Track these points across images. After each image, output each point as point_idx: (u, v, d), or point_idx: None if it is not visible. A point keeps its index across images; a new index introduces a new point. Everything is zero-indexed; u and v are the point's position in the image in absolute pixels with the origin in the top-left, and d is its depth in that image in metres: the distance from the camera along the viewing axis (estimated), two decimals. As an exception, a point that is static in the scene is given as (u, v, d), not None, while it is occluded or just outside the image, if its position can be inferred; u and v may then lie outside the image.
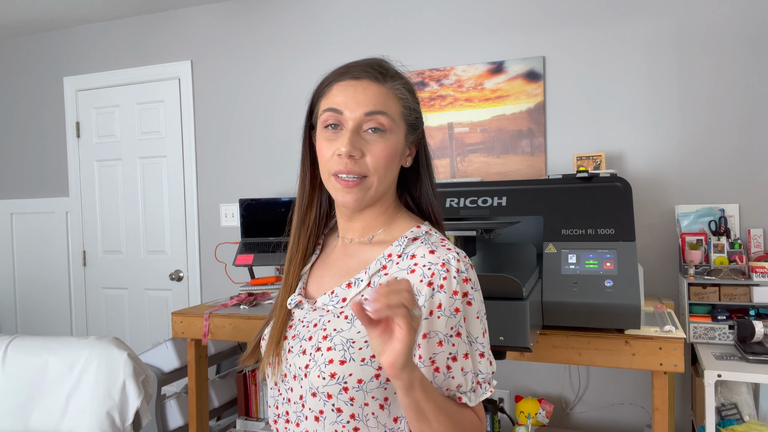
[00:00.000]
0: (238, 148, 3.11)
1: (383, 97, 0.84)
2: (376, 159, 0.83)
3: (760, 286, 1.97)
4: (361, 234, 0.91)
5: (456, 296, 0.79)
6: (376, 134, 0.83)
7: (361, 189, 0.83)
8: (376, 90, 0.84)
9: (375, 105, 0.82)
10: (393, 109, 0.84)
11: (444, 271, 0.79)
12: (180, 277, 3.23)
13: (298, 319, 0.89)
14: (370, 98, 0.83)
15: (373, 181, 0.83)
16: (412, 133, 0.89)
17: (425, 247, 0.83)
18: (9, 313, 3.69)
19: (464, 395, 0.80)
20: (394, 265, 0.84)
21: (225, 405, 2.76)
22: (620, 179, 1.78)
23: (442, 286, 0.79)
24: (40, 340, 2.03)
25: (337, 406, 0.79)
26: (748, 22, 2.25)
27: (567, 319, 1.64)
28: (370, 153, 0.83)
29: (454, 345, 0.79)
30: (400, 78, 0.88)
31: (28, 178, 3.60)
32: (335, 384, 0.78)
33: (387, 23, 2.79)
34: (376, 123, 0.82)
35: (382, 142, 0.83)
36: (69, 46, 3.46)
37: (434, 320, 0.78)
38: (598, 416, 2.46)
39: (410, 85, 0.90)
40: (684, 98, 2.33)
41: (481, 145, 2.62)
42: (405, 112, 0.87)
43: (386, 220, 0.91)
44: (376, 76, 0.84)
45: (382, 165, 0.83)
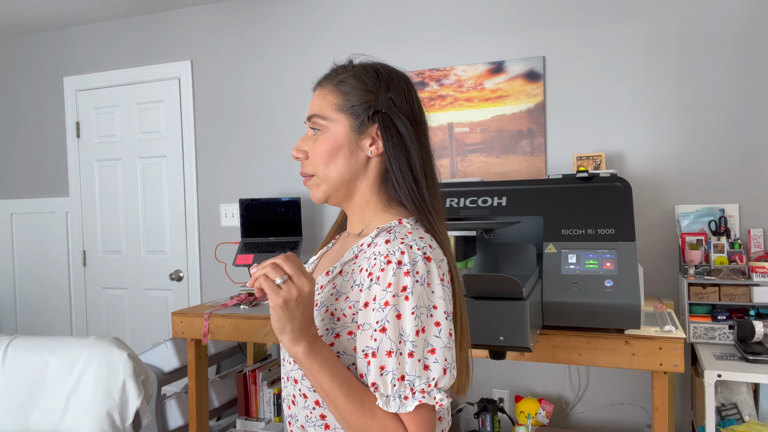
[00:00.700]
0: (238, 148, 3.11)
1: (319, 100, 0.89)
2: (315, 156, 0.89)
3: (760, 286, 1.97)
4: (353, 227, 0.94)
5: (389, 288, 0.76)
6: (316, 134, 0.89)
7: (312, 186, 0.90)
8: (316, 95, 0.90)
9: (310, 110, 0.90)
10: (326, 106, 0.88)
11: (383, 262, 0.78)
12: (180, 277, 3.23)
13: None
14: (312, 106, 0.90)
15: (318, 177, 0.89)
16: (359, 122, 0.87)
17: (385, 237, 0.82)
18: (9, 313, 3.69)
19: (382, 398, 0.74)
20: (363, 254, 0.85)
21: (225, 405, 2.76)
22: (620, 179, 1.78)
23: (378, 278, 0.78)
24: (40, 340, 2.03)
25: (302, 392, 0.84)
26: (748, 22, 2.25)
27: (567, 319, 1.64)
28: (312, 152, 0.89)
29: (376, 340, 0.75)
30: (347, 71, 0.89)
31: (28, 178, 3.60)
32: (298, 369, 0.84)
33: (387, 23, 2.79)
34: (312, 125, 0.89)
35: (318, 140, 0.88)
36: (69, 46, 3.46)
37: (369, 312, 0.77)
38: (598, 416, 2.46)
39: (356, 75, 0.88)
40: (684, 98, 2.33)
41: (481, 145, 2.62)
42: (341, 103, 0.87)
43: (374, 213, 0.91)
44: (321, 82, 0.91)
45: (320, 162, 0.88)
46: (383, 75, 0.89)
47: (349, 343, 0.81)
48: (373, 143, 0.88)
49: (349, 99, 0.87)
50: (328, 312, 0.83)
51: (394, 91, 0.88)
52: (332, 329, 0.82)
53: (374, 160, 0.89)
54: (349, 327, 0.81)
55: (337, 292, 0.84)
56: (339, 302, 0.83)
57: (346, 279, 0.84)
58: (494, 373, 2.60)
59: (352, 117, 0.87)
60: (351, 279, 0.84)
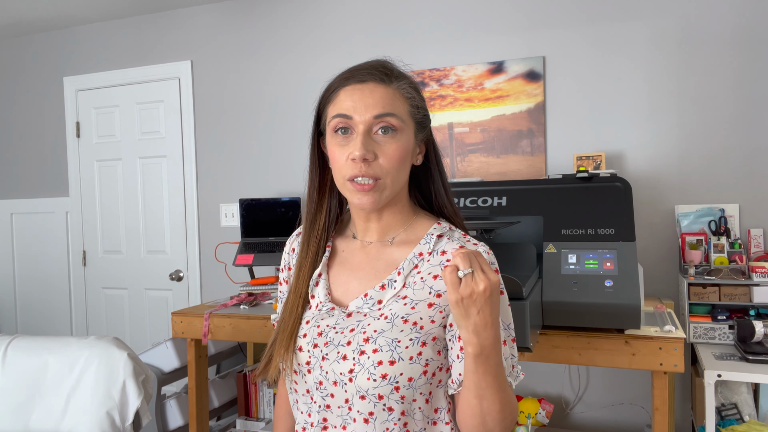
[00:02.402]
0: (238, 148, 3.10)
1: (390, 98, 0.85)
2: (389, 160, 0.84)
3: (760, 286, 1.97)
4: (380, 235, 0.92)
5: None
6: (386, 135, 0.84)
7: (376, 191, 0.84)
8: (382, 92, 0.85)
9: (383, 107, 0.83)
10: (401, 109, 0.85)
11: None
12: (180, 277, 3.23)
13: (327, 325, 0.88)
14: (378, 100, 0.84)
15: (386, 182, 0.85)
16: (420, 131, 0.90)
17: (454, 243, 0.88)
18: (9, 313, 3.69)
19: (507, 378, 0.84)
20: (426, 263, 0.87)
21: (225, 405, 2.76)
22: (620, 179, 1.78)
23: None
24: (40, 340, 2.03)
25: (388, 406, 0.82)
26: (747, 22, 2.25)
27: (567, 319, 1.64)
28: (382, 155, 0.84)
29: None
30: (404, 77, 0.89)
31: (28, 178, 3.60)
32: (387, 385, 0.80)
33: (387, 23, 2.79)
34: (387, 124, 0.84)
35: (393, 143, 0.84)
36: (69, 46, 3.46)
37: None
38: (598, 416, 2.46)
39: (415, 84, 0.91)
40: (684, 98, 2.33)
41: (481, 145, 2.62)
42: (413, 110, 0.88)
43: (403, 220, 0.93)
44: (381, 78, 0.85)
45: (395, 166, 0.84)
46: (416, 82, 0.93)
47: (434, 349, 0.84)
48: (420, 152, 0.92)
49: (417, 108, 0.89)
50: (409, 323, 0.83)
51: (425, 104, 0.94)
52: (417, 338, 0.83)
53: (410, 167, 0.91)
54: (433, 333, 0.84)
55: (411, 301, 0.85)
56: (420, 311, 0.84)
57: (418, 288, 0.86)
58: (494, 373, 2.60)
59: (418, 127, 0.90)
60: (425, 286, 0.86)
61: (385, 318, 0.84)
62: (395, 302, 0.85)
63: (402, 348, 0.81)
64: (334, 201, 0.96)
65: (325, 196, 0.95)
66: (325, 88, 0.91)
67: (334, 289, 0.93)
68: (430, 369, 0.83)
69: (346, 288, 0.91)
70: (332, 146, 0.86)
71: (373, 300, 0.87)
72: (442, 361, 0.85)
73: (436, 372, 0.84)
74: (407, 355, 0.81)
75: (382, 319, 0.84)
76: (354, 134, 0.84)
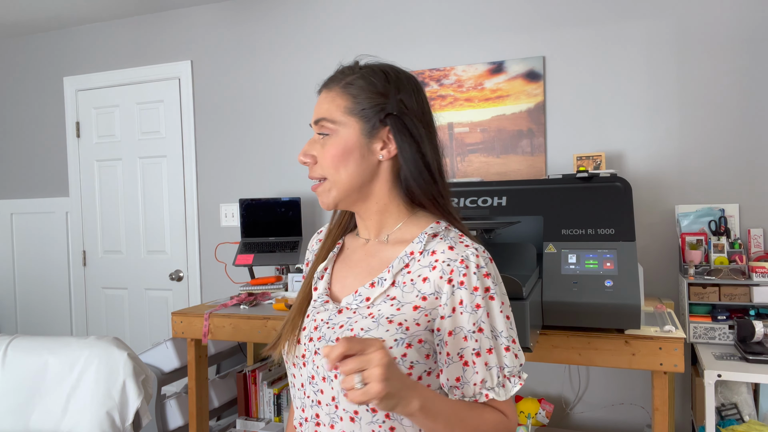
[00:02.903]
0: (238, 148, 3.11)
1: (327, 102, 0.88)
2: (323, 160, 0.87)
3: (760, 286, 1.97)
4: (376, 233, 0.93)
5: (476, 292, 0.81)
6: (323, 138, 0.88)
7: (323, 191, 0.88)
8: (323, 98, 0.89)
9: (317, 114, 0.88)
10: (334, 110, 0.87)
11: (463, 268, 0.81)
12: (180, 277, 3.23)
13: (321, 320, 0.88)
14: (318, 110, 0.88)
15: (329, 181, 0.87)
16: (367, 123, 0.86)
17: (444, 243, 0.85)
18: (9, 313, 3.69)
19: (491, 391, 0.81)
20: (416, 263, 0.86)
21: (225, 405, 2.76)
22: (620, 179, 1.78)
23: (462, 283, 0.81)
24: (40, 340, 2.03)
25: (371, 406, 0.80)
26: (747, 23, 2.25)
27: (567, 319, 1.64)
28: (320, 156, 0.87)
29: (477, 341, 0.81)
30: (350, 74, 0.88)
31: (28, 178, 3.60)
32: None
33: (387, 23, 2.79)
34: (320, 129, 0.88)
35: (327, 144, 0.87)
36: (69, 46, 3.46)
37: (457, 316, 0.81)
38: (598, 416, 2.46)
39: (365, 78, 0.87)
40: (684, 98, 2.33)
41: (481, 145, 2.62)
42: (351, 107, 0.86)
43: (397, 217, 0.91)
44: (327, 84, 0.89)
45: (330, 164, 0.86)
46: (392, 76, 0.88)
47: (420, 351, 0.82)
48: (385, 147, 0.88)
49: (359, 102, 0.86)
50: (394, 323, 0.82)
51: (404, 92, 0.88)
52: (402, 340, 0.81)
53: (386, 164, 0.88)
54: (419, 335, 0.82)
55: (398, 302, 0.84)
56: (405, 312, 0.83)
57: (406, 289, 0.84)
58: (494, 373, 2.60)
59: (363, 120, 0.86)
60: (413, 288, 0.84)
61: (372, 317, 0.83)
62: (383, 302, 0.84)
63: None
64: None
65: None
66: None
67: (334, 284, 0.94)
68: (416, 372, 0.81)
69: (344, 283, 0.92)
70: None
71: (362, 297, 0.86)
72: (431, 365, 0.83)
73: (423, 376, 0.82)
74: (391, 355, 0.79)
75: (369, 318, 0.83)
76: None
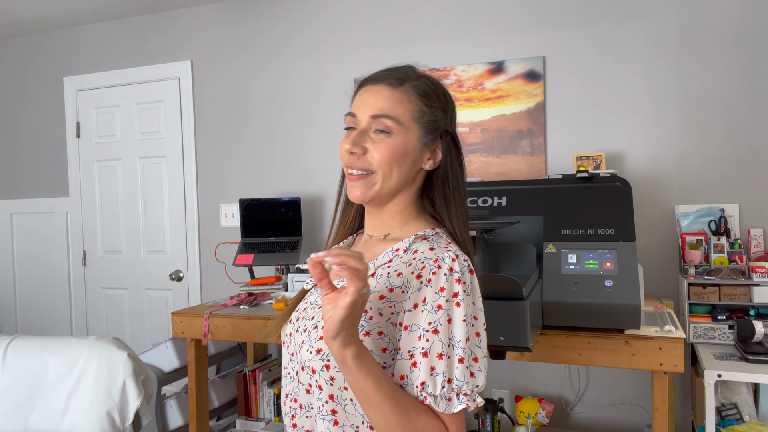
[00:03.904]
0: (238, 148, 3.10)
1: (393, 101, 0.88)
2: (380, 155, 0.87)
3: (760, 286, 1.97)
4: (379, 231, 0.95)
5: (442, 293, 0.80)
6: (381, 135, 0.87)
7: (365, 184, 0.88)
8: (388, 93, 0.88)
9: (382, 109, 0.87)
10: (401, 111, 0.87)
11: (435, 267, 0.82)
12: (180, 277, 3.23)
13: (310, 302, 0.93)
14: (380, 102, 0.87)
15: (377, 177, 0.88)
16: (427, 135, 0.90)
17: (427, 244, 0.87)
18: (9, 313, 3.69)
19: (431, 397, 0.76)
20: (398, 259, 0.87)
21: (225, 405, 2.76)
22: (620, 179, 1.78)
23: (430, 281, 0.81)
24: (40, 340, 2.03)
25: (319, 383, 0.82)
26: (748, 22, 2.25)
27: (567, 319, 1.64)
28: (374, 149, 0.87)
29: (428, 341, 0.78)
30: (418, 82, 0.90)
31: (28, 178, 3.60)
32: (319, 359, 0.81)
33: (387, 23, 2.79)
34: (381, 125, 0.87)
35: (385, 142, 0.87)
36: (69, 46, 3.46)
37: (417, 313, 0.80)
38: (598, 416, 2.46)
39: (429, 88, 0.91)
40: (684, 98, 2.33)
41: (481, 145, 2.62)
42: (417, 115, 0.89)
43: (403, 220, 0.94)
44: (392, 82, 0.89)
45: (385, 161, 0.87)
46: (447, 94, 0.95)
47: (377, 343, 0.81)
48: (431, 157, 0.92)
49: (425, 112, 0.90)
50: None
51: (452, 111, 0.96)
52: (362, 327, 0.81)
53: (422, 172, 0.93)
54: (380, 327, 0.82)
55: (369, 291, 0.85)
56: (372, 301, 0.84)
57: (381, 281, 0.86)
58: (494, 373, 2.60)
59: (425, 130, 0.90)
60: (387, 281, 0.85)
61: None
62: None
63: None
64: None
65: None
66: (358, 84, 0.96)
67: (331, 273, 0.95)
68: None
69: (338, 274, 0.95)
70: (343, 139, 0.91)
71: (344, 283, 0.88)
72: (387, 359, 0.81)
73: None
74: None
75: None
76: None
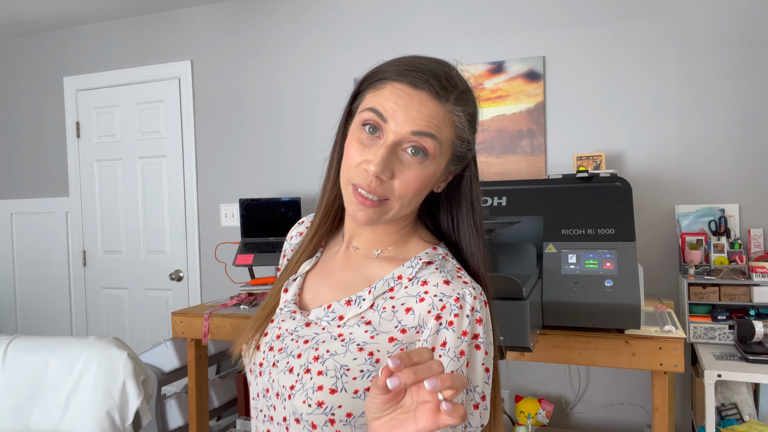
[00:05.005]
0: (238, 148, 3.10)
1: (439, 119, 0.71)
2: (405, 186, 0.71)
3: (760, 286, 1.97)
4: (368, 245, 0.81)
5: (464, 337, 0.70)
6: (415, 157, 0.71)
7: (378, 211, 0.72)
8: (433, 108, 0.71)
9: (427, 126, 0.70)
10: (444, 134, 0.72)
11: (457, 308, 0.71)
12: (180, 277, 3.23)
13: (286, 330, 0.78)
14: (424, 117, 0.70)
15: (394, 206, 0.73)
16: (455, 163, 0.77)
17: (440, 275, 0.74)
18: (9, 313, 3.69)
19: None
20: (402, 289, 0.75)
21: (225, 405, 2.76)
22: (620, 179, 1.78)
23: (452, 323, 0.70)
24: (40, 340, 2.03)
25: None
26: (747, 22, 2.25)
27: (567, 319, 1.64)
28: (400, 177, 0.71)
29: None
30: (463, 101, 0.74)
31: (28, 178, 3.60)
32: (321, 414, 0.69)
33: (387, 23, 2.79)
34: (420, 146, 0.70)
35: (417, 170, 0.71)
36: (69, 46, 3.46)
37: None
38: (598, 416, 2.46)
39: (474, 107, 0.77)
40: (684, 98, 2.33)
41: (481, 145, 2.62)
42: (456, 141, 0.75)
43: (399, 238, 0.81)
44: (437, 92, 0.71)
45: (409, 194, 0.72)
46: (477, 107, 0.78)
47: None
48: (446, 180, 0.79)
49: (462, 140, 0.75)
50: (365, 351, 0.71)
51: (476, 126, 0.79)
52: (370, 372, 0.70)
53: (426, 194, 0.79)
54: None
55: (373, 329, 0.73)
56: (379, 342, 0.72)
57: (385, 317, 0.74)
58: (494, 373, 2.60)
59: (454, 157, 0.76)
60: (393, 317, 0.73)
61: (342, 339, 0.73)
62: (357, 325, 0.74)
63: (349, 378, 0.69)
64: None
65: None
66: (375, 69, 0.77)
67: (306, 290, 0.83)
68: None
69: (316, 292, 0.81)
70: (353, 140, 0.73)
71: (335, 314, 0.76)
72: None
73: None
74: (353, 387, 0.69)
75: (339, 340, 0.73)
76: (381, 140, 0.71)
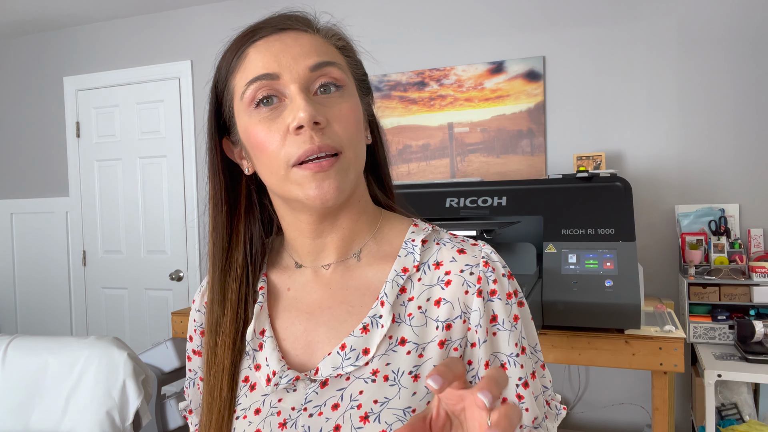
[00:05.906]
0: (238, 148, 3.10)
1: (322, 46, 0.60)
2: (345, 124, 0.58)
3: (760, 286, 1.97)
4: (341, 252, 0.64)
5: (511, 300, 0.60)
6: (332, 94, 0.58)
7: (340, 170, 0.57)
8: (309, 40, 0.60)
9: (319, 55, 0.58)
10: (338, 58, 0.61)
11: (490, 272, 0.60)
12: (180, 277, 3.23)
13: (291, 408, 0.59)
14: (308, 49, 0.58)
15: (350, 156, 0.58)
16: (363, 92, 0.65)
17: (449, 249, 0.62)
18: (9, 313, 3.69)
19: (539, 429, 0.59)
20: (416, 282, 0.61)
21: (225, 405, 2.75)
22: (620, 179, 1.78)
23: (495, 292, 0.59)
24: (40, 340, 2.03)
25: None
26: (747, 22, 2.25)
27: (567, 319, 1.64)
28: (334, 118, 0.57)
29: (522, 366, 0.58)
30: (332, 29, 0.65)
31: (28, 178, 3.60)
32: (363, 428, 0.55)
33: (387, 23, 2.79)
34: (329, 78, 0.58)
35: (344, 102, 0.59)
36: (69, 46, 3.46)
37: (494, 339, 0.58)
38: (598, 416, 2.45)
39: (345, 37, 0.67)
40: (684, 98, 2.33)
41: (481, 145, 2.62)
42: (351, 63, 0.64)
43: (369, 224, 0.65)
44: (303, 28, 0.61)
45: (354, 131, 0.59)
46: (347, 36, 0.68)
47: None
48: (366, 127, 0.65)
49: (358, 67, 0.65)
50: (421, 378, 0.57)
51: None
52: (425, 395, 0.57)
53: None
54: None
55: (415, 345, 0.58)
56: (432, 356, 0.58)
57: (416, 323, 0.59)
58: (494, 373, 2.60)
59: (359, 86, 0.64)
60: (426, 319, 0.59)
61: (385, 378, 0.57)
62: (392, 351, 0.58)
63: None
64: (255, 225, 0.67)
65: (241, 219, 0.66)
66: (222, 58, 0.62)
67: (288, 350, 0.62)
68: None
69: (308, 342, 0.62)
70: (256, 127, 0.58)
71: (357, 351, 0.58)
72: None
73: None
74: None
75: (380, 380, 0.57)
76: (285, 101, 0.58)
